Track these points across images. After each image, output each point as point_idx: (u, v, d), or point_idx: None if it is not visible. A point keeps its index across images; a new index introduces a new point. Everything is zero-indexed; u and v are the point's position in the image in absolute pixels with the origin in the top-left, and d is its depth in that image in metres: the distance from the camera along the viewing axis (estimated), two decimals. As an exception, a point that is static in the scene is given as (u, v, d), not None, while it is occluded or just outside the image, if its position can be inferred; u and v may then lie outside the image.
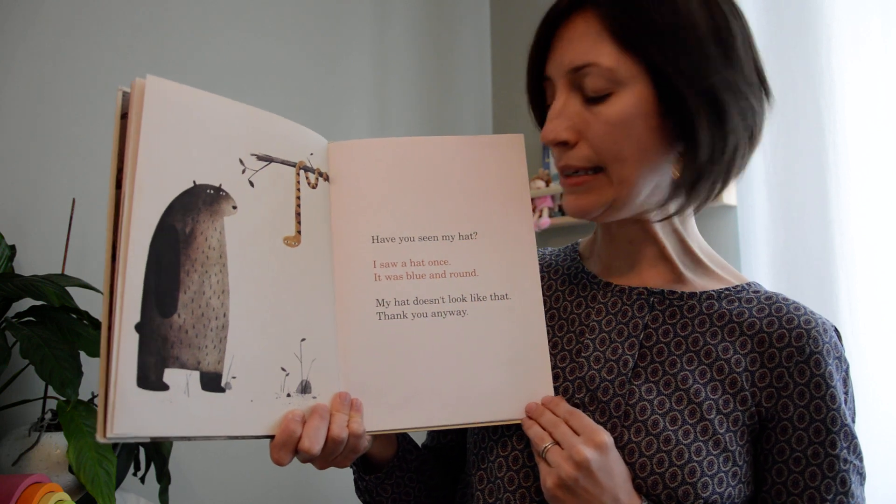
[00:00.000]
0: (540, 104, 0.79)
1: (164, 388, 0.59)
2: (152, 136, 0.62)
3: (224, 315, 0.64)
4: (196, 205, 0.64)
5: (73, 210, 1.25)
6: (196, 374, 0.61)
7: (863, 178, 1.60)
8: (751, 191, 1.77)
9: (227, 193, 0.66)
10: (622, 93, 0.69)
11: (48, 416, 1.14)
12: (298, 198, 0.72)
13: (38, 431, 1.10)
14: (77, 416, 1.00)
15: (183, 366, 0.61)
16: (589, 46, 0.70)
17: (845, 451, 0.72)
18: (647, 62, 0.69)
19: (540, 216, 2.14)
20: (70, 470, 1.01)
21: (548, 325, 0.81)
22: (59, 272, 1.24)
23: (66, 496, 0.96)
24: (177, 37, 1.58)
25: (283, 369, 0.67)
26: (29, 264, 1.29)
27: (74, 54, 1.40)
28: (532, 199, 2.16)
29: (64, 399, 1.01)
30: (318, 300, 0.71)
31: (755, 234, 1.76)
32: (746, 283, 0.79)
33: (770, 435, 0.73)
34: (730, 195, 1.84)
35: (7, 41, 1.31)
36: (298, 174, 0.72)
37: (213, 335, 0.63)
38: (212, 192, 0.65)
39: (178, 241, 0.63)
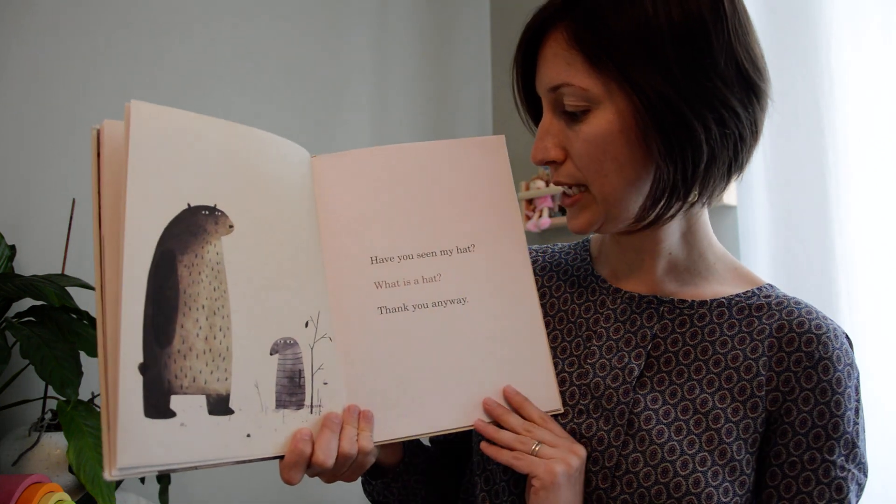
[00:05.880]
0: (538, 118, 0.79)
1: (172, 414, 0.59)
2: (142, 162, 0.61)
3: (228, 337, 0.63)
4: (193, 227, 0.63)
5: (73, 210, 1.25)
6: (202, 399, 0.61)
7: (863, 179, 1.60)
8: (751, 191, 1.77)
9: (223, 213, 0.65)
10: (599, 110, 0.68)
11: (48, 416, 1.14)
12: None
13: (38, 431, 1.10)
14: (77, 416, 1.00)
15: (189, 392, 0.60)
16: (562, 66, 0.69)
17: (843, 458, 0.71)
18: (616, 77, 0.67)
19: (540, 216, 2.13)
20: (70, 470, 1.01)
21: (556, 329, 0.81)
22: (59, 272, 1.24)
23: (66, 496, 0.96)
24: (179, 33, 1.58)
25: (290, 384, 0.66)
26: (29, 264, 1.29)
27: (75, 53, 1.40)
28: (532, 200, 2.16)
29: (64, 399, 1.01)
30: (320, 307, 0.71)
31: (755, 234, 1.75)
32: (758, 288, 0.78)
33: (770, 437, 0.72)
34: (730, 195, 1.84)
35: (7, 41, 1.31)
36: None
37: (218, 358, 0.62)
38: (207, 212, 0.64)
39: (175, 267, 0.61)
